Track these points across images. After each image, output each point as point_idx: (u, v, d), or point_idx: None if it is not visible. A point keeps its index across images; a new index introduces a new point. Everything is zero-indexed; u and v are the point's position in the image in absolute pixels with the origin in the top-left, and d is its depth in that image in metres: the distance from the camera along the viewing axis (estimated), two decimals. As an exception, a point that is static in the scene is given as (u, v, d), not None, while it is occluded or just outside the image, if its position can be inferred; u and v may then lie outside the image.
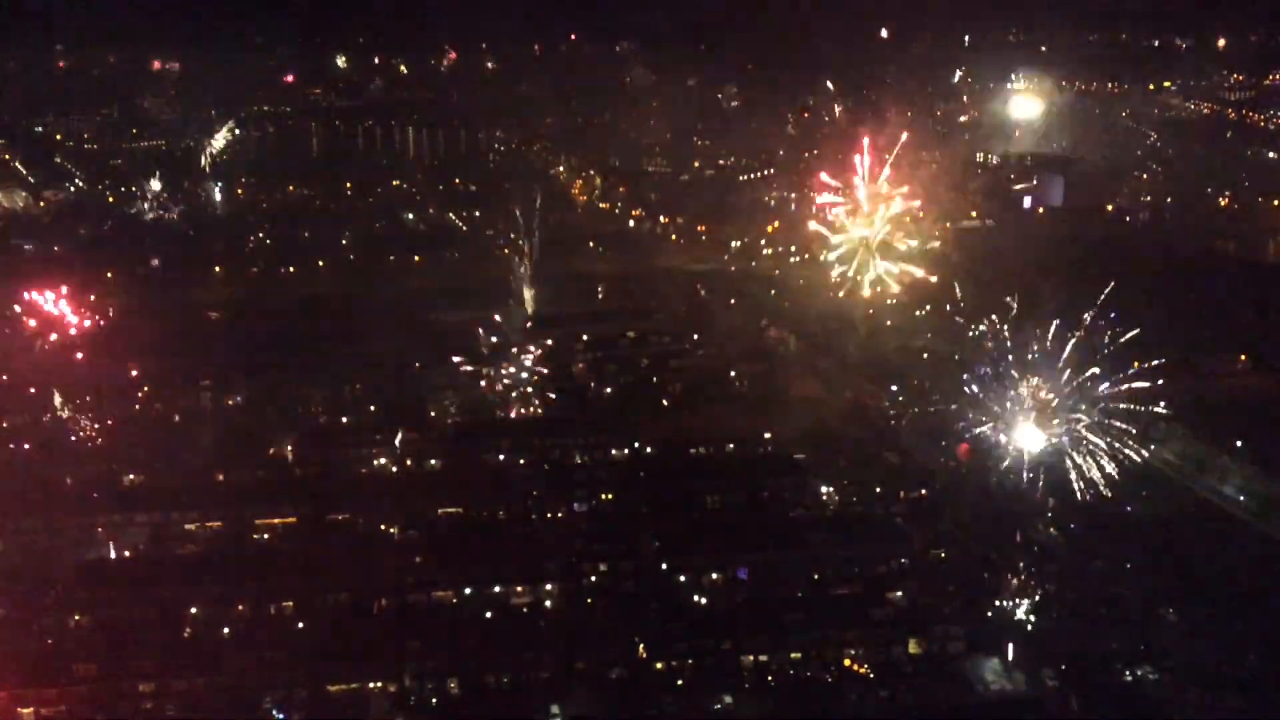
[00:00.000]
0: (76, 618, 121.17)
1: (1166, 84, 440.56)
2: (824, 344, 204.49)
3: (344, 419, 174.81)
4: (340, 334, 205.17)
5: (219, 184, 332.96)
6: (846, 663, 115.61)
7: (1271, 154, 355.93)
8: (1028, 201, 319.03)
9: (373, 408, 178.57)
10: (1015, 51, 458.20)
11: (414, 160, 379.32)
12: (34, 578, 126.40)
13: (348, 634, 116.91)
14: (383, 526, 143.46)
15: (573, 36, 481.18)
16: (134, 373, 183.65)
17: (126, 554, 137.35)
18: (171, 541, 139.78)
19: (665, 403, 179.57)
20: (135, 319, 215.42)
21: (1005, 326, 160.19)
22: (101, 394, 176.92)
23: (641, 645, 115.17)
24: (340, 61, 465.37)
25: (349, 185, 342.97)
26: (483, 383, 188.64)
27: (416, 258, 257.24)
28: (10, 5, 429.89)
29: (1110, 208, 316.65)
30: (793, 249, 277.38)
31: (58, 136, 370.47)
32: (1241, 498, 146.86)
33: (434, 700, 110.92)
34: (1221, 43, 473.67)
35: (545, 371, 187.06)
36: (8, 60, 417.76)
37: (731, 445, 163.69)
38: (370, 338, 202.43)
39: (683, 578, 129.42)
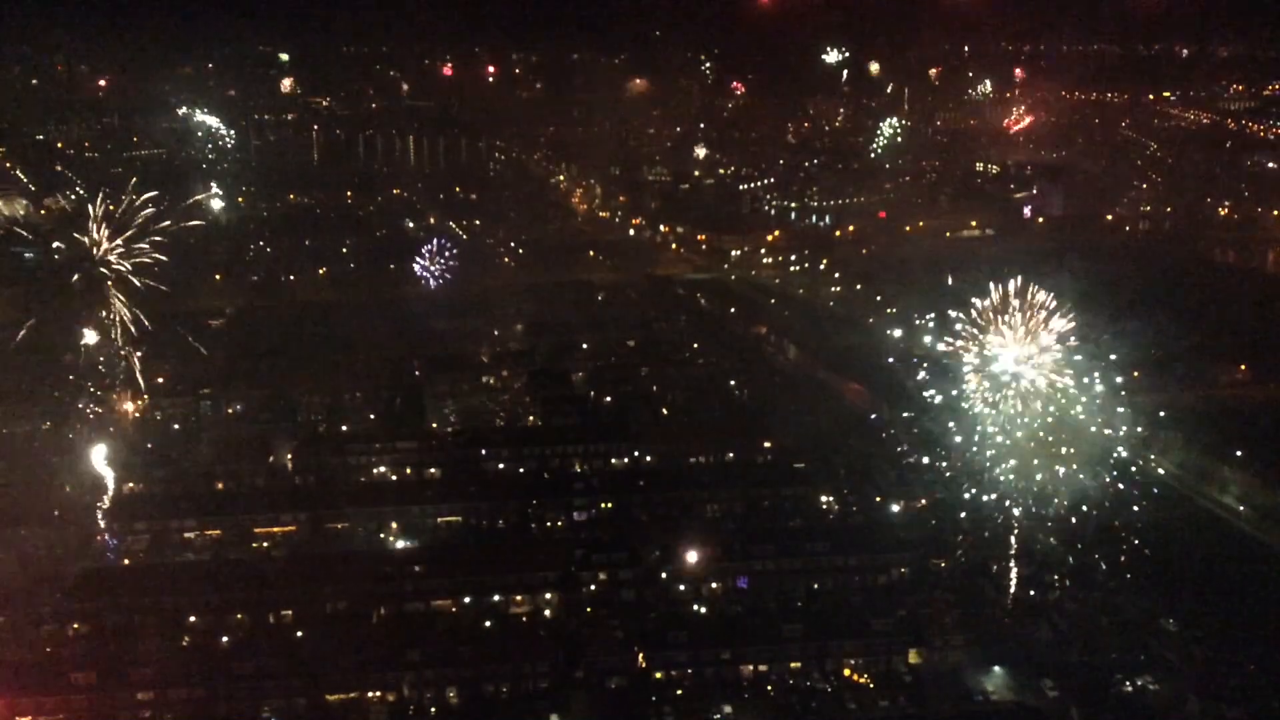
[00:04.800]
0: (76, 626, 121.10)
1: (1166, 93, 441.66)
2: (823, 353, 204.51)
3: (344, 427, 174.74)
4: (341, 342, 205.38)
5: (220, 192, 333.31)
6: (846, 672, 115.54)
7: (1271, 164, 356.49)
8: (1027, 210, 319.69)
9: (373, 415, 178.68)
10: (1016, 61, 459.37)
11: (415, 168, 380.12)
12: (33, 585, 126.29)
13: (347, 642, 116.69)
14: (382, 535, 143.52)
15: (573, 45, 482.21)
16: (135, 380, 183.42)
17: (126, 561, 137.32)
18: (171, 549, 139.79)
19: (665, 411, 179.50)
20: (135, 326, 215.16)
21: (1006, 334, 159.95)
22: (102, 401, 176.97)
23: (641, 654, 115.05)
24: (341, 70, 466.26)
25: (350, 193, 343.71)
26: (482, 391, 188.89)
27: (416, 265, 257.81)
28: (12, 14, 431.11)
29: (1110, 217, 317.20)
30: (793, 258, 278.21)
31: (59, 144, 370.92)
32: (1242, 507, 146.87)
33: (433, 709, 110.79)
34: (1221, 53, 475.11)
35: (545, 380, 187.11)
36: (9, 68, 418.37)
37: (731, 454, 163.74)
38: (370, 345, 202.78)
39: (682, 586, 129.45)
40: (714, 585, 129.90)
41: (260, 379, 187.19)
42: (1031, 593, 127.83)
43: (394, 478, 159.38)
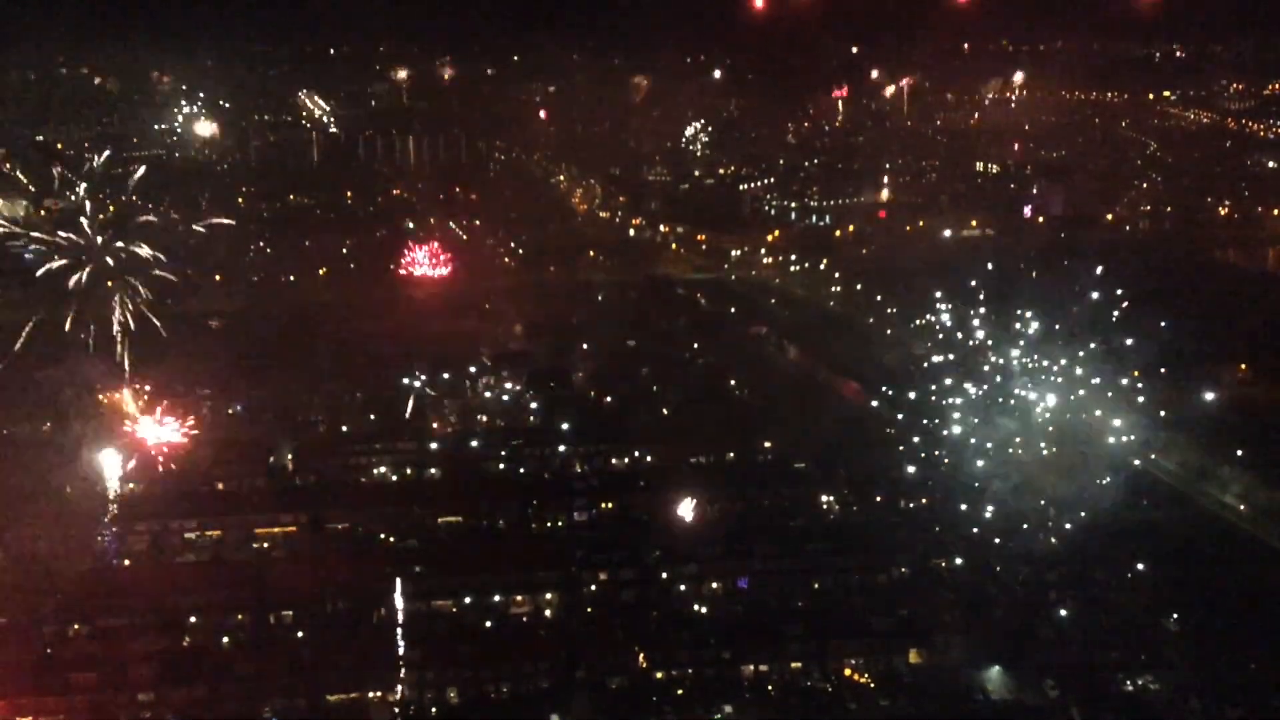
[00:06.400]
0: (76, 626, 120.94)
1: (1166, 93, 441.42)
2: (824, 353, 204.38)
3: (344, 428, 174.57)
4: (341, 342, 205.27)
5: (219, 192, 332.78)
6: (847, 672, 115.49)
7: (1271, 163, 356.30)
8: (1027, 210, 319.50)
9: (372, 416, 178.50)
10: (1016, 60, 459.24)
11: (415, 169, 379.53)
12: (33, 586, 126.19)
13: (347, 643, 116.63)
14: (382, 535, 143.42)
15: (573, 45, 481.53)
16: (135, 380, 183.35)
17: (126, 562, 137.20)
18: (171, 549, 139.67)
19: (665, 411, 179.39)
20: (135, 326, 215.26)
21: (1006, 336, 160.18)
22: (102, 401, 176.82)
23: (641, 655, 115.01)
24: (341, 70, 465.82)
25: (349, 194, 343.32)
26: (483, 391, 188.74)
27: (416, 266, 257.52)
28: (11, 13, 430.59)
29: (1110, 216, 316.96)
30: (793, 258, 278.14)
31: (58, 145, 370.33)
32: (1242, 507, 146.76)
33: (433, 709, 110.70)
34: (1221, 52, 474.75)
35: (545, 380, 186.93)
36: (8, 69, 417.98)
37: (731, 454, 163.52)
38: (370, 346, 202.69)
39: (682, 587, 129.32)
40: (714, 585, 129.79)
41: (260, 379, 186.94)
42: (1032, 592, 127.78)
43: (394, 478, 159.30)
